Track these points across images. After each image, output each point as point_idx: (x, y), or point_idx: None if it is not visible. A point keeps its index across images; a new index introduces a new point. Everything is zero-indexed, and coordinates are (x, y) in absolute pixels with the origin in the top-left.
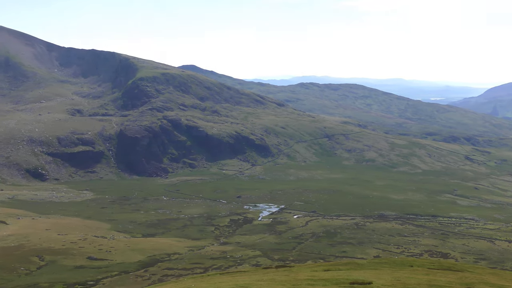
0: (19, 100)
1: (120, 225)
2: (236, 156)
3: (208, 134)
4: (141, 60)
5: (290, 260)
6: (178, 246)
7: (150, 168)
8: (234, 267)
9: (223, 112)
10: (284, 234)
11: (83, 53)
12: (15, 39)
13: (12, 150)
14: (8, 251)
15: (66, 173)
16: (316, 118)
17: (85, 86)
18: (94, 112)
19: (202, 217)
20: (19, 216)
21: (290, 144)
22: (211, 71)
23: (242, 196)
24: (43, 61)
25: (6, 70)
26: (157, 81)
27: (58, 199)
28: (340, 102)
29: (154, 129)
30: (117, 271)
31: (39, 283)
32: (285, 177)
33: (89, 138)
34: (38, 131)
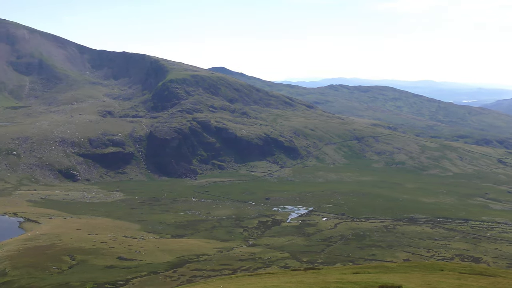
0: (52, 101)
1: (149, 225)
2: (265, 158)
3: (237, 135)
4: (171, 62)
5: (319, 262)
6: (207, 247)
7: (179, 170)
8: (262, 268)
9: (252, 114)
10: (313, 236)
11: (114, 55)
12: (48, 42)
13: (44, 151)
14: (40, 250)
15: (97, 173)
16: (346, 120)
17: (116, 88)
18: (125, 113)
19: (231, 218)
20: (51, 216)
21: (319, 146)
22: (240, 73)
23: (270, 198)
24: (75, 64)
25: (39, 72)
26: (187, 83)
27: (89, 199)
28: (369, 104)
29: (184, 131)
30: (146, 271)
31: (70, 282)
32: (314, 179)
33: (119, 140)
34: (70, 132)
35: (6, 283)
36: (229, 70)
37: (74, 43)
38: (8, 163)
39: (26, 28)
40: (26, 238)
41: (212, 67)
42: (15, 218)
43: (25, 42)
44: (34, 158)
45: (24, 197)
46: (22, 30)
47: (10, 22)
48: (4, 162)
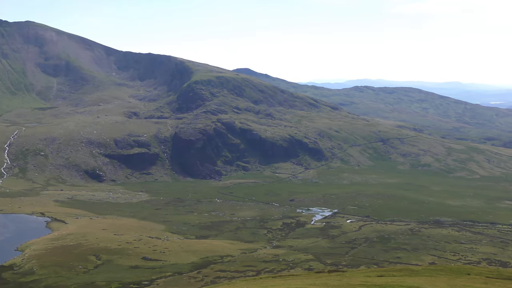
0: (79, 102)
1: (174, 226)
2: (290, 159)
3: (261, 137)
4: (196, 64)
5: (343, 264)
6: (231, 248)
7: (204, 171)
8: (286, 270)
9: (276, 115)
10: (337, 238)
11: (140, 57)
12: (75, 44)
13: (71, 152)
14: (67, 250)
15: (122, 174)
16: (371, 121)
17: (142, 89)
18: (150, 114)
19: (255, 220)
20: (78, 216)
21: (344, 147)
22: (265, 75)
23: (295, 200)
24: (101, 65)
25: (66, 73)
26: (212, 84)
27: (115, 200)
28: (395, 105)
29: (208, 132)
30: (170, 272)
31: (96, 282)
32: (339, 181)
33: (145, 141)
34: (96, 133)
35: (33, 281)
36: (254, 72)
37: (100, 44)
38: (36, 163)
39: (54, 30)
40: (53, 238)
41: (237, 69)
42: (42, 217)
43: (53, 44)
44: (61, 158)
45: (51, 197)
46: (50, 32)
47: (38, 25)
48: (32, 162)
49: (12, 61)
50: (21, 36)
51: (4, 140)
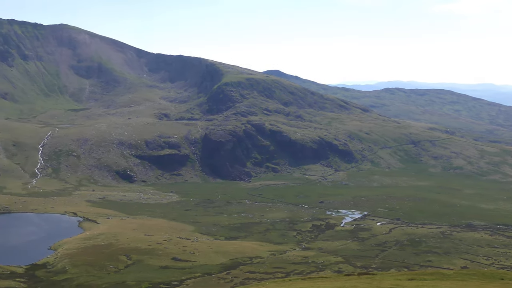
0: (110, 104)
1: (203, 227)
2: (319, 161)
3: (291, 139)
4: (227, 66)
5: (373, 267)
6: (260, 250)
7: (233, 172)
8: (315, 272)
9: (306, 117)
10: (367, 241)
11: (171, 59)
12: (107, 46)
13: (103, 153)
14: (98, 249)
15: (153, 175)
16: (402, 124)
17: (172, 91)
18: (181, 116)
19: (284, 221)
20: (109, 216)
21: (374, 150)
22: (295, 76)
23: (324, 202)
24: (133, 67)
25: (99, 75)
26: (242, 86)
27: (145, 200)
28: (426, 107)
29: (238, 134)
30: (200, 273)
31: (126, 281)
32: (369, 183)
33: (175, 142)
34: (127, 134)
35: (66, 280)
36: (284, 73)
37: (132, 47)
38: (68, 164)
39: (87, 33)
40: (84, 237)
41: (267, 70)
42: (74, 217)
43: (86, 46)
44: (93, 159)
45: (83, 197)
46: (83, 35)
47: (72, 27)
48: (65, 163)
49: (47, 64)
50: (55, 39)
51: (38, 141)
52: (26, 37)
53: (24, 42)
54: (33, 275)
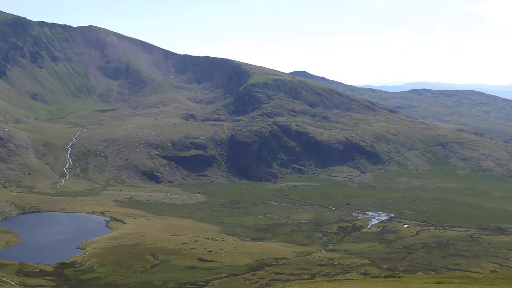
0: (138, 105)
1: (229, 228)
2: (346, 162)
3: (317, 140)
4: (253, 66)
5: (400, 270)
6: (286, 251)
7: (259, 173)
8: (341, 274)
9: (333, 118)
10: (394, 243)
11: (197, 60)
12: (135, 47)
13: (130, 153)
14: (125, 249)
15: (179, 176)
16: (429, 125)
17: (199, 92)
18: (207, 117)
19: (310, 223)
20: (136, 216)
21: (401, 151)
22: (321, 77)
23: (351, 203)
24: (160, 68)
25: (126, 76)
26: (268, 87)
27: (172, 201)
28: (455, 109)
29: (264, 135)
30: (226, 273)
31: (153, 281)
32: (396, 185)
33: (201, 143)
34: (154, 135)
35: (93, 279)
36: (311, 74)
37: (159, 48)
38: (96, 164)
39: (115, 34)
40: (112, 237)
41: (294, 71)
42: (102, 217)
43: (114, 47)
44: (120, 159)
45: (110, 197)
46: (111, 36)
47: (100, 29)
48: (93, 163)
49: (75, 65)
50: (84, 40)
51: (67, 141)
52: (55, 39)
53: (53, 43)
54: (61, 274)
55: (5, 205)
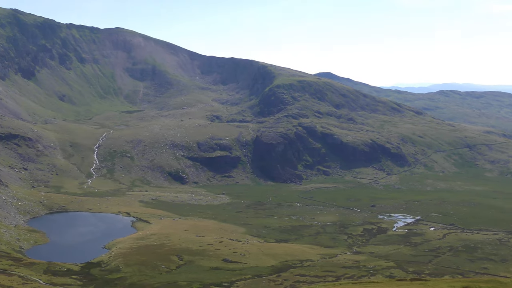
0: (163, 106)
1: (254, 229)
2: (371, 164)
3: (343, 141)
4: (278, 68)
5: (426, 273)
6: (311, 253)
7: (284, 174)
8: (366, 277)
9: (358, 120)
10: (420, 246)
11: (223, 61)
12: (161, 49)
13: (156, 154)
14: (151, 249)
15: (204, 177)
16: (457, 127)
17: (224, 93)
18: (232, 118)
19: (335, 225)
20: (161, 217)
21: (427, 153)
22: (347, 79)
23: (376, 205)
24: (186, 69)
25: (152, 78)
26: (293, 88)
27: (197, 201)
28: (483, 110)
29: (289, 136)
30: (250, 275)
31: (178, 282)
32: (422, 187)
33: (226, 144)
34: (179, 136)
35: (119, 279)
36: (336, 76)
37: (185, 49)
38: (122, 164)
39: (141, 36)
40: (137, 237)
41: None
42: (128, 217)
43: (140, 49)
44: (146, 160)
45: (136, 198)
46: (138, 38)
47: (127, 31)
48: (119, 164)
49: (102, 66)
50: (111, 42)
51: (94, 142)
52: (83, 41)
53: (81, 45)
54: (88, 273)
55: (34, 205)
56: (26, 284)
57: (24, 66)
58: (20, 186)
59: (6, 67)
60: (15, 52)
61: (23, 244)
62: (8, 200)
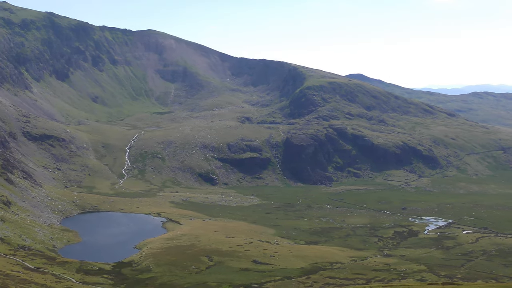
0: (194, 107)
1: (284, 231)
2: (402, 166)
3: (374, 143)
4: (309, 69)
5: (458, 277)
6: (340, 255)
7: (314, 176)
8: (397, 280)
9: (389, 122)
10: (452, 250)
11: (253, 63)
12: (192, 51)
13: (186, 155)
14: (181, 250)
15: (234, 178)
16: (490, 129)
17: (255, 94)
18: (262, 120)
19: (366, 227)
20: (191, 217)
21: (460, 156)
22: (378, 80)
23: (407, 208)
24: (216, 71)
25: (183, 79)
26: (324, 90)
27: (227, 203)
28: None
29: (320, 138)
30: (280, 276)
31: (207, 282)
32: (454, 190)
33: (257, 145)
34: (210, 137)
35: (150, 278)
36: (367, 77)
37: (216, 51)
38: (153, 165)
39: (172, 38)
40: (168, 238)
41: (350, 74)
42: (158, 218)
43: (172, 51)
44: (176, 161)
45: (167, 198)
46: (169, 40)
47: (159, 33)
48: (150, 164)
49: (134, 68)
50: (143, 44)
51: (126, 143)
52: (116, 43)
53: (114, 47)
54: (119, 273)
55: (67, 205)
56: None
57: (58, 68)
58: (53, 186)
59: (41, 69)
60: (49, 54)
61: (56, 243)
62: (42, 199)
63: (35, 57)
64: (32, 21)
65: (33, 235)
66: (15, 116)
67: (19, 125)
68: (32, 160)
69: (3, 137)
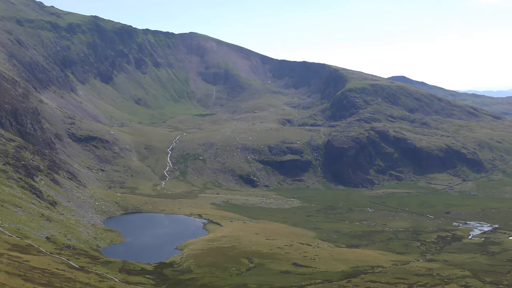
0: (235, 109)
1: (324, 233)
2: (446, 170)
3: (416, 146)
4: (350, 71)
5: (504, 284)
6: (382, 259)
7: (356, 179)
8: (440, 286)
9: (432, 124)
10: (498, 255)
11: (294, 65)
12: (233, 53)
13: (227, 157)
14: (221, 251)
15: (275, 180)
16: None
17: (296, 97)
18: (303, 122)
19: (408, 231)
20: (232, 219)
21: (506, 159)
22: (421, 82)
23: (451, 212)
24: (257, 73)
25: (225, 81)
26: (366, 92)
27: (267, 205)
28: None
29: (361, 140)
30: (320, 279)
31: (248, 284)
32: (500, 194)
33: (297, 147)
34: (251, 139)
35: (191, 279)
36: (410, 79)
37: (257, 53)
38: (195, 167)
39: (214, 41)
40: (209, 239)
41: (392, 76)
42: (199, 219)
43: (213, 53)
44: (217, 163)
45: (208, 200)
46: (211, 42)
47: (200, 35)
48: (192, 166)
49: (177, 70)
50: (185, 47)
51: (168, 145)
52: (158, 46)
53: (156, 50)
54: (161, 273)
55: (110, 205)
56: (102, 281)
57: (103, 70)
58: (97, 187)
59: (86, 72)
60: (94, 57)
61: (99, 243)
62: (86, 200)
63: (80, 60)
64: (78, 25)
65: (78, 235)
66: (61, 117)
67: (64, 127)
68: (77, 161)
69: (49, 139)
